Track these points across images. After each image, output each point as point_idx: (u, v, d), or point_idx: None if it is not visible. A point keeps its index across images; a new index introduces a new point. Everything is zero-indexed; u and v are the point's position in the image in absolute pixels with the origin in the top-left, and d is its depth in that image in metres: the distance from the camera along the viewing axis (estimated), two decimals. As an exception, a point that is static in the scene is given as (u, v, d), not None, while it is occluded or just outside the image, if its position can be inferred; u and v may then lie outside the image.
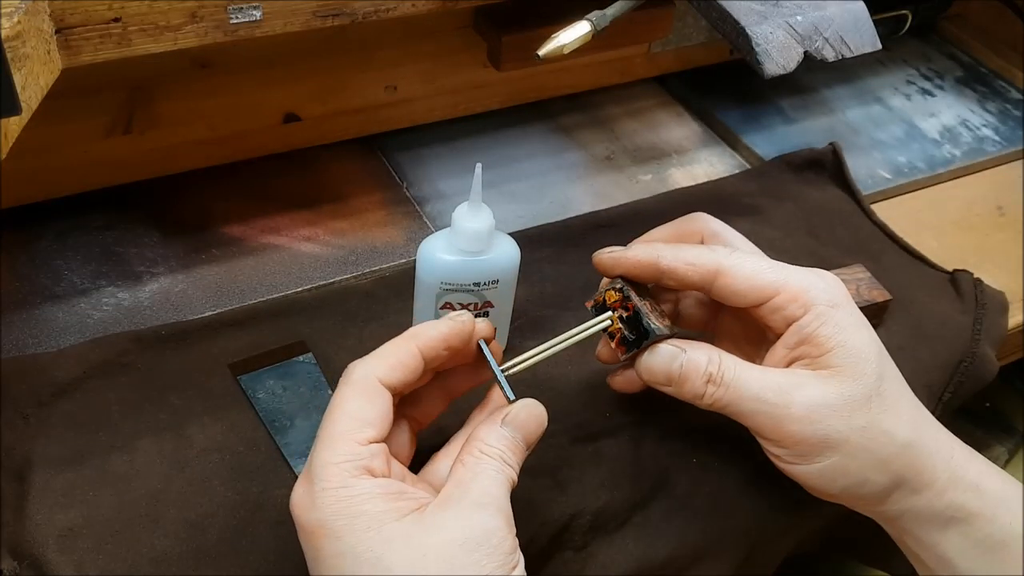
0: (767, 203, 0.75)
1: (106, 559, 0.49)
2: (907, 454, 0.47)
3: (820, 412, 0.46)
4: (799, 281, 0.48)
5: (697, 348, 0.48)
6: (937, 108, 0.89)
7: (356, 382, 0.43)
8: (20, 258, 0.64)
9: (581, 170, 0.78)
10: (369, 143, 0.76)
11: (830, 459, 0.47)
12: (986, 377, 0.65)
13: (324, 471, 0.41)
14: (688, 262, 0.49)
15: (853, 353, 0.47)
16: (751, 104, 0.86)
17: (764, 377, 0.47)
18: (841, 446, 0.46)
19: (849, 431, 0.46)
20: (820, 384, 0.47)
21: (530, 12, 0.67)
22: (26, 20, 0.42)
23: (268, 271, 0.65)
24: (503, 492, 0.42)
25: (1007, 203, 0.80)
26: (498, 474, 0.43)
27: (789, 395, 0.47)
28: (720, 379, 0.47)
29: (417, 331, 0.46)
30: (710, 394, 0.47)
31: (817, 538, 0.68)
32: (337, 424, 0.42)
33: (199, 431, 0.55)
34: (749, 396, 0.47)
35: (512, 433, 0.45)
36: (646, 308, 0.49)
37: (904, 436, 0.47)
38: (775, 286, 0.48)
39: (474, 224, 0.52)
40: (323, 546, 0.40)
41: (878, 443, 0.47)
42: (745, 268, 0.49)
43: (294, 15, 0.52)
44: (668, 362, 0.48)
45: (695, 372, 0.48)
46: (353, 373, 0.44)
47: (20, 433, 0.53)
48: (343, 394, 0.43)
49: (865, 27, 0.64)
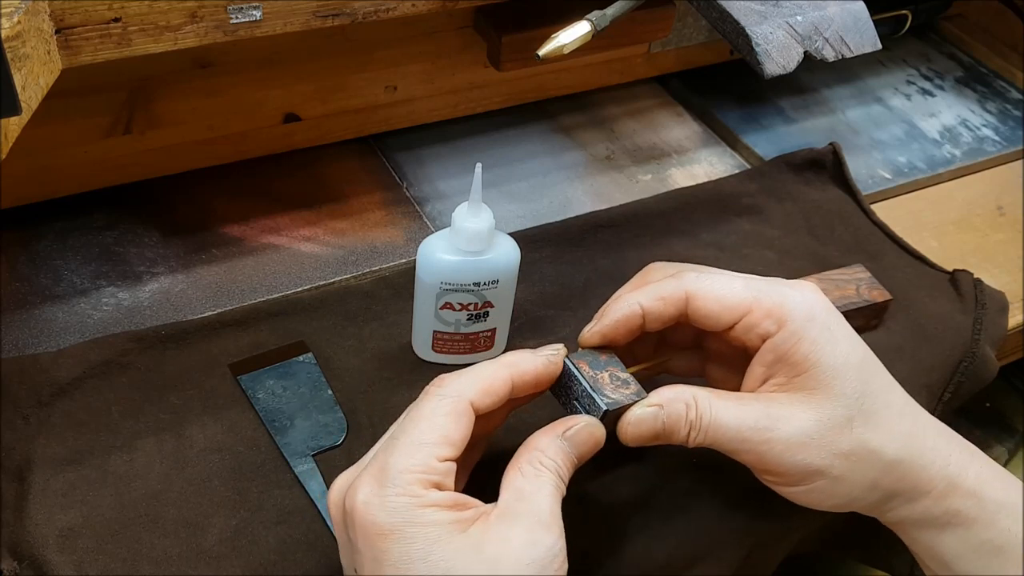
0: (767, 203, 0.75)
1: (106, 559, 0.49)
2: (898, 470, 0.47)
3: (800, 444, 0.46)
4: (772, 296, 0.47)
5: (674, 400, 0.47)
6: (937, 108, 0.89)
7: (448, 398, 0.43)
8: (20, 258, 0.64)
9: (581, 170, 0.78)
10: (369, 143, 0.76)
11: (816, 483, 0.47)
12: (986, 377, 0.65)
13: (400, 476, 0.41)
14: (659, 296, 0.48)
15: (830, 372, 0.46)
16: (751, 104, 0.86)
17: (741, 413, 0.46)
18: (826, 472, 0.46)
19: (832, 458, 0.46)
20: (798, 412, 0.46)
21: (530, 12, 0.67)
22: (26, 20, 0.42)
23: (268, 271, 0.65)
24: (559, 509, 0.42)
25: (1007, 203, 0.80)
26: (556, 489, 0.43)
27: (768, 430, 0.46)
28: (699, 424, 0.46)
29: (515, 360, 0.46)
30: (692, 439, 0.47)
31: (817, 538, 0.68)
32: (423, 434, 0.42)
33: (199, 431, 0.55)
34: (728, 437, 0.46)
35: (570, 448, 0.44)
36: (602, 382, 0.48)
37: (893, 453, 0.47)
38: (747, 303, 0.47)
39: (474, 224, 0.52)
40: (391, 549, 0.40)
41: (865, 464, 0.46)
42: (715, 288, 0.48)
43: (294, 15, 0.52)
44: (650, 423, 0.47)
45: (677, 424, 0.47)
46: (447, 387, 0.44)
47: (20, 433, 0.53)
48: (433, 407, 0.43)
49: (865, 27, 0.64)
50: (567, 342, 0.62)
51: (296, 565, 0.50)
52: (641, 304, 0.48)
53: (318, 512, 0.52)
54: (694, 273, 0.49)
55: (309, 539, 0.51)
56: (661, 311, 0.48)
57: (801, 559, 0.68)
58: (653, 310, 0.48)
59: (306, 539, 0.51)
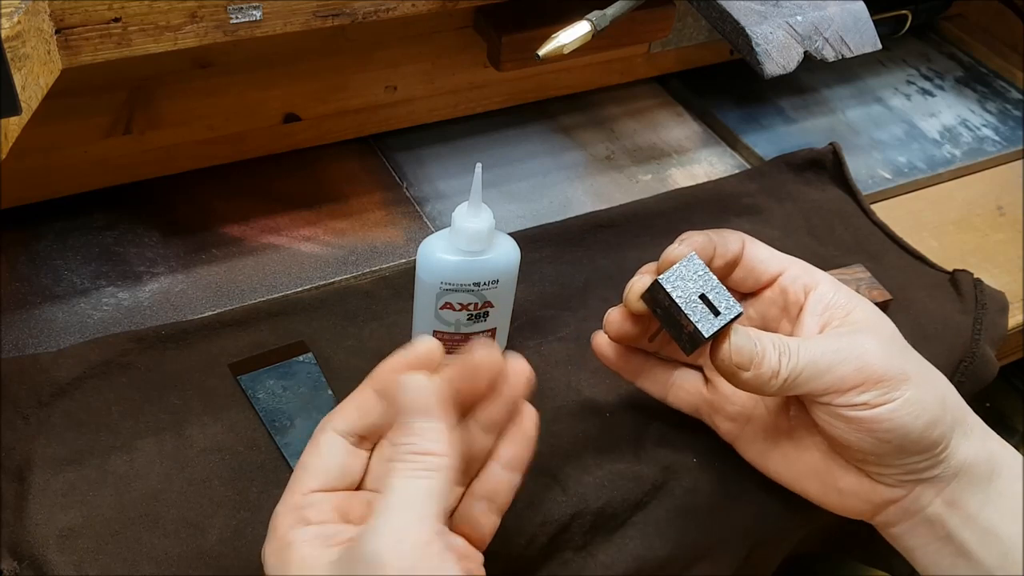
0: (767, 203, 0.75)
1: (106, 559, 0.49)
2: (952, 396, 0.49)
3: (888, 349, 0.48)
4: (803, 264, 0.53)
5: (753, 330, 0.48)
6: (937, 108, 0.89)
7: (314, 436, 0.44)
8: (20, 258, 0.64)
9: (581, 170, 0.78)
10: (369, 143, 0.76)
11: (908, 391, 0.47)
12: (986, 377, 0.65)
13: (273, 523, 0.42)
14: (723, 235, 0.51)
15: (870, 310, 0.50)
16: (751, 104, 0.86)
17: (819, 338, 0.49)
18: (913, 378, 0.47)
19: (917, 363, 0.49)
20: (865, 332, 0.48)
21: (530, 12, 0.67)
22: (26, 20, 0.42)
23: (268, 271, 0.65)
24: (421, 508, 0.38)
25: (1007, 203, 0.80)
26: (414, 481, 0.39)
27: (855, 342, 0.47)
28: (788, 349, 0.46)
29: (373, 373, 0.44)
30: (785, 366, 0.46)
31: (817, 538, 0.68)
32: (292, 478, 0.43)
33: (199, 431, 0.55)
34: (820, 354, 0.46)
35: (410, 420, 0.40)
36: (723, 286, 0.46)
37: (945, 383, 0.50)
38: (787, 261, 0.53)
39: (474, 224, 0.52)
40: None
41: (935, 376, 0.49)
42: (761, 245, 0.53)
43: (294, 15, 0.52)
44: (751, 344, 0.46)
45: (770, 349, 0.46)
46: (316, 429, 0.44)
47: (20, 433, 0.53)
48: (305, 450, 0.44)
49: (865, 27, 0.64)
50: (568, 342, 0.62)
51: (296, 565, 0.50)
52: (712, 238, 0.51)
53: (318, 512, 0.52)
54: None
55: (309, 539, 0.51)
56: (725, 245, 0.51)
57: (801, 559, 0.68)
58: (720, 243, 0.51)
59: (306, 539, 0.51)
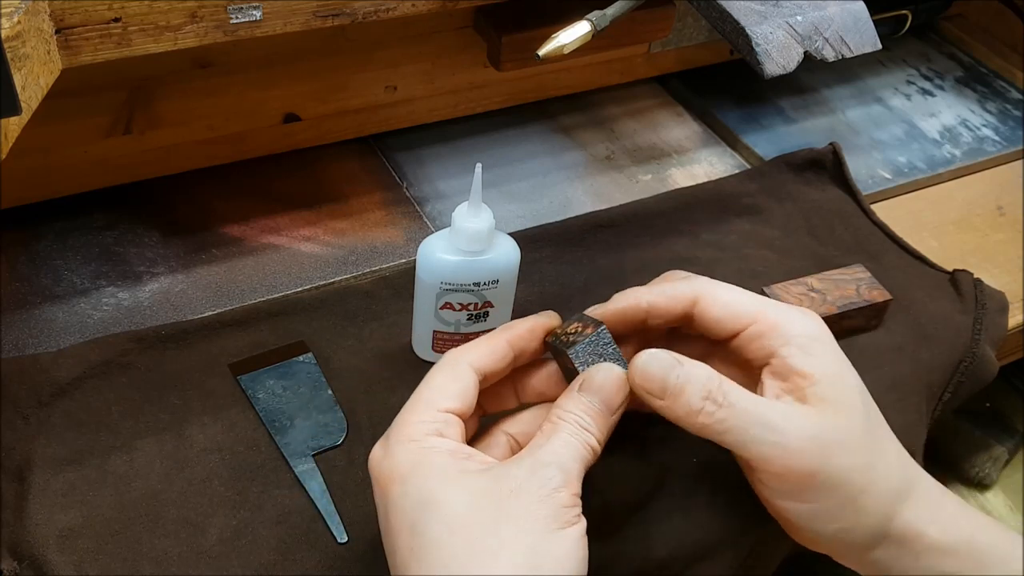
0: (767, 203, 0.75)
1: (106, 559, 0.49)
2: (896, 501, 0.46)
3: (825, 446, 0.45)
4: (777, 314, 0.47)
5: (695, 363, 0.46)
6: (937, 108, 0.89)
7: (446, 362, 0.46)
8: (20, 258, 0.64)
9: (581, 170, 0.78)
10: (369, 143, 0.76)
11: (827, 500, 0.45)
12: (986, 377, 0.65)
13: (401, 428, 0.44)
14: (668, 295, 0.49)
15: (839, 385, 0.46)
16: (751, 104, 0.86)
17: (765, 403, 0.45)
18: (840, 487, 0.45)
19: (851, 469, 0.45)
20: (818, 417, 0.45)
21: (530, 12, 0.67)
22: (26, 20, 0.42)
23: (268, 271, 0.65)
24: (571, 454, 0.43)
25: (1007, 203, 0.80)
26: (572, 438, 0.43)
27: (793, 426, 0.45)
28: (722, 399, 0.45)
29: (509, 324, 0.49)
30: (708, 412, 0.44)
31: (817, 538, 0.68)
32: (420, 393, 0.45)
33: (199, 431, 0.55)
34: (752, 421, 0.44)
35: (589, 398, 0.45)
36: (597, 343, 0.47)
37: (896, 481, 0.46)
38: (752, 314, 0.47)
39: (474, 224, 0.52)
40: (391, 491, 0.42)
41: (874, 485, 0.46)
42: (723, 295, 0.48)
43: (294, 15, 0.52)
44: (666, 370, 0.45)
45: (694, 385, 0.45)
46: (445, 356, 0.47)
47: (20, 433, 0.53)
48: (432, 372, 0.46)
49: (865, 27, 0.64)
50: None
51: (296, 565, 0.50)
52: (647, 299, 0.49)
53: (318, 512, 0.52)
54: (706, 280, 0.50)
55: (309, 539, 0.51)
56: (667, 307, 0.49)
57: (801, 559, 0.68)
58: (659, 305, 0.49)
59: (306, 539, 0.51)
